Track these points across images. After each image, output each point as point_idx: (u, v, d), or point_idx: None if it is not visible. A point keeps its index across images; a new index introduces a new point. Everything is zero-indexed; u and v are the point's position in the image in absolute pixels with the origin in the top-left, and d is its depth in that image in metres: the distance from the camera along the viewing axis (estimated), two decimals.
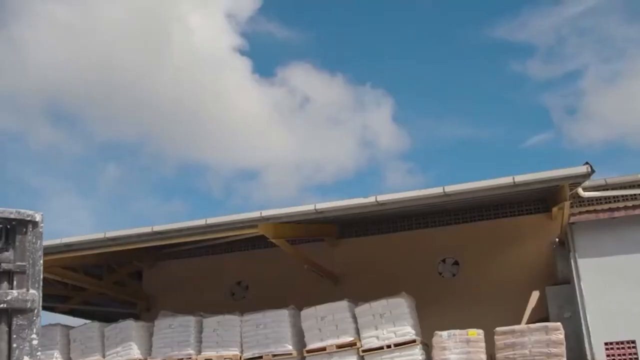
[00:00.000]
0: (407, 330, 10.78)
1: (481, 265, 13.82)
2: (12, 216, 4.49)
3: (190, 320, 12.07)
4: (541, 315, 12.36)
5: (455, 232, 14.21)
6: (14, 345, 4.25)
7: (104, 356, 12.16)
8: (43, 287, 4.37)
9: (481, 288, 13.52)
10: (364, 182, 51.02)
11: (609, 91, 45.53)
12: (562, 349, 10.13)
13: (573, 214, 11.11)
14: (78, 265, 13.33)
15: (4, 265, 4.36)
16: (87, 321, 13.07)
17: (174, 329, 12.05)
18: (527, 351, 10.19)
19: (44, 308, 4.93)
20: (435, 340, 10.50)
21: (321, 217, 11.60)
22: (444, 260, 14.57)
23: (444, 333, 10.49)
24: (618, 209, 11.04)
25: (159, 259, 16.19)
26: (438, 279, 14.40)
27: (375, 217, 14.00)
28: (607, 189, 12.80)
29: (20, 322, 4.30)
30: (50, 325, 12.74)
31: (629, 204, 11.41)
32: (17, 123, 48.27)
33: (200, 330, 12.04)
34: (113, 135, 51.65)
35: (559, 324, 10.43)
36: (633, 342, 10.50)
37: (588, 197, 12.79)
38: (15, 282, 4.37)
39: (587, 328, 10.65)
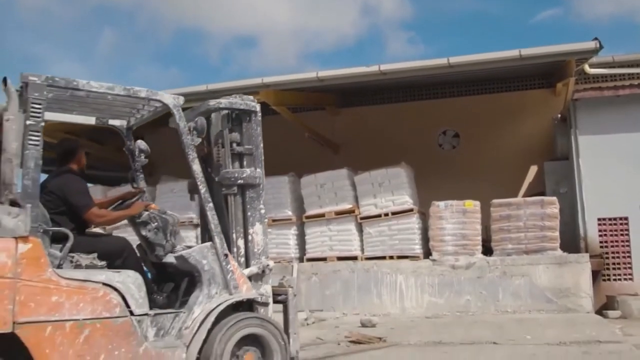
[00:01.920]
0: (405, 200, 10.93)
1: (481, 138, 13.86)
2: (241, 107, 5.28)
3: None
4: (538, 189, 12.52)
5: (457, 105, 14.13)
6: (248, 214, 5.31)
7: None
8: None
9: (480, 161, 13.63)
10: (364, 51, 50.22)
11: None
12: (556, 223, 10.33)
13: (577, 91, 10.99)
14: (80, 130, 13.27)
15: (236, 148, 5.21)
16: (90, 185, 13.16)
17: (176, 193, 12.18)
18: (521, 223, 10.40)
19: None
20: (432, 209, 10.67)
21: (323, 85, 11.49)
22: (444, 132, 14.61)
23: (441, 203, 10.64)
24: (623, 87, 10.89)
25: (159, 125, 16.15)
26: (438, 151, 14.50)
27: (376, 87, 13.88)
28: (614, 67, 12.61)
29: (251, 195, 5.35)
30: None
31: (635, 82, 11.26)
32: None
33: None
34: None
35: (554, 198, 10.58)
36: (625, 218, 10.67)
37: (594, 74, 12.63)
38: (245, 163, 5.35)
39: (582, 203, 10.79)
